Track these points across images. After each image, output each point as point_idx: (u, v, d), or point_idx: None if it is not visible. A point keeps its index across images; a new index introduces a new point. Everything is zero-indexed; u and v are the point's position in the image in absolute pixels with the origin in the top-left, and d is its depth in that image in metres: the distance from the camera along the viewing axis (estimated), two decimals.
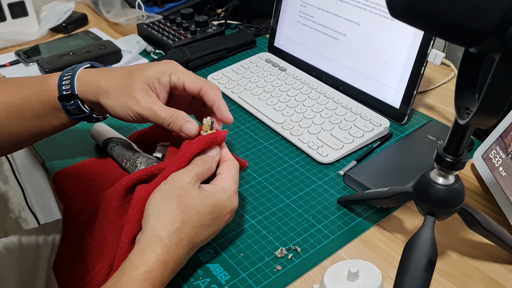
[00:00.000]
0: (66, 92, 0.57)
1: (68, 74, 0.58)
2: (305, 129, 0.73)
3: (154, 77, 0.55)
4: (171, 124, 0.55)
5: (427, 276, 0.44)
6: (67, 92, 0.57)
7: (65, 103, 0.57)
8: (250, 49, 1.00)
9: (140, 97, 0.55)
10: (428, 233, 0.45)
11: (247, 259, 0.55)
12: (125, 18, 1.06)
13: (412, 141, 0.70)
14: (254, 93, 0.82)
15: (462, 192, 0.46)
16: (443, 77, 0.89)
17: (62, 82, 0.57)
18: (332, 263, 0.52)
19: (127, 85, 0.55)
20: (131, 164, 0.62)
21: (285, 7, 0.90)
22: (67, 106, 0.58)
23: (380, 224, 0.59)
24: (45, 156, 0.72)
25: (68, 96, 0.57)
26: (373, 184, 0.61)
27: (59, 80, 0.57)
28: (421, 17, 0.33)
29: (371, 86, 0.77)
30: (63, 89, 0.57)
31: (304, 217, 0.60)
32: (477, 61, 0.40)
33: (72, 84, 0.57)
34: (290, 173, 0.67)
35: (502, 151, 0.58)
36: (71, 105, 0.57)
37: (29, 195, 1.39)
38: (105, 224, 0.54)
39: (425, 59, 0.70)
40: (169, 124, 0.55)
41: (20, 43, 1.05)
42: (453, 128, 0.43)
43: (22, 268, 0.75)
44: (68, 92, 0.57)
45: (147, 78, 0.55)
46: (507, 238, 0.52)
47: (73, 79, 0.57)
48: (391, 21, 0.73)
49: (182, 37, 0.98)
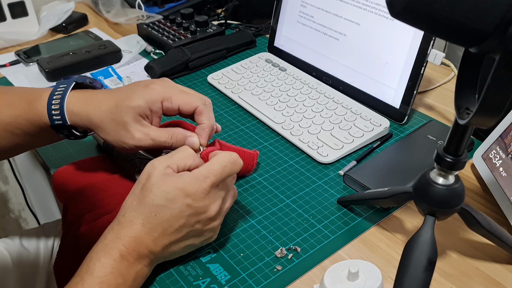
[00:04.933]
0: (58, 122, 0.55)
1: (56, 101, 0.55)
2: (305, 129, 0.73)
3: (144, 106, 0.53)
4: (173, 145, 0.55)
5: (427, 276, 0.44)
6: (59, 122, 0.55)
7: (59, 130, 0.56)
8: (250, 49, 1.00)
9: (134, 130, 0.53)
10: (428, 233, 0.45)
11: (247, 259, 0.55)
12: (125, 18, 1.06)
13: (412, 141, 0.70)
14: (254, 93, 0.82)
15: (462, 192, 0.46)
16: (443, 77, 0.89)
17: (51, 111, 0.55)
18: (332, 263, 0.52)
19: (118, 119, 0.53)
20: (131, 165, 0.62)
21: (285, 7, 0.90)
22: (61, 132, 0.57)
23: (380, 224, 0.59)
24: (45, 156, 0.72)
25: (61, 126, 0.55)
26: (373, 184, 0.61)
27: (48, 106, 0.55)
28: (421, 17, 0.33)
29: (371, 86, 0.77)
30: (54, 118, 0.55)
31: (304, 217, 0.60)
32: (477, 61, 0.40)
33: (62, 114, 0.55)
34: (290, 173, 0.67)
35: (502, 151, 0.58)
36: (65, 132, 0.57)
37: (29, 195, 1.39)
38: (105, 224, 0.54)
39: (425, 59, 0.70)
40: (172, 145, 0.55)
41: (20, 43, 1.05)
42: (453, 128, 0.43)
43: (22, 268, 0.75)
44: (60, 123, 0.55)
45: (137, 108, 0.53)
46: (507, 238, 0.52)
47: (62, 109, 0.54)
48: (391, 21, 0.73)
49: (182, 37, 0.98)
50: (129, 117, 0.53)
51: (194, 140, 0.55)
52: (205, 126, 0.56)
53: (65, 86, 0.56)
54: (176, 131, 0.55)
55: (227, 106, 0.81)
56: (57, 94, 0.55)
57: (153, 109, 0.54)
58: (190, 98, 0.55)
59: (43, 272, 0.76)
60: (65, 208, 0.62)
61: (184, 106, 0.55)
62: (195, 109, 0.55)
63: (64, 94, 0.55)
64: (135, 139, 0.53)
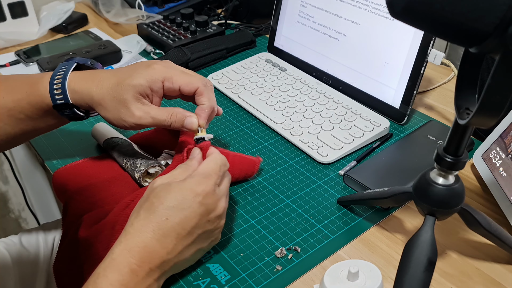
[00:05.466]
0: (60, 102, 0.56)
1: (58, 80, 0.56)
2: (305, 129, 0.73)
3: (145, 85, 0.54)
4: (172, 124, 0.55)
5: (427, 276, 0.44)
6: (61, 102, 0.55)
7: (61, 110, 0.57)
8: (250, 49, 1.00)
9: (134, 108, 0.54)
10: (428, 233, 0.45)
11: (247, 259, 0.55)
12: (125, 18, 1.06)
13: (412, 141, 0.70)
14: (254, 93, 0.82)
15: (462, 192, 0.46)
16: (443, 77, 0.89)
17: (53, 91, 0.55)
18: (332, 263, 0.52)
19: (119, 96, 0.54)
20: (131, 165, 0.62)
21: (285, 7, 0.90)
22: (63, 113, 0.57)
23: (380, 224, 0.59)
24: (45, 156, 0.72)
25: (63, 105, 0.56)
26: (373, 184, 0.61)
27: (49, 87, 0.56)
28: (421, 17, 0.33)
29: (371, 86, 0.77)
30: (56, 98, 0.55)
31: (304, 217, 0.60)
32: (477, 61, 0.40)
33: (64, 93, 0.55)
34: (290, 173, 0.67)
35: (502, 151, 0.58)
36: (67, 112, 0.57)
37: (29, 195, 1.39)
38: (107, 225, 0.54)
39: (425, 59, 0.70)
40: (171, 124, 0.55)
41: (20, 43, 1.05)
42: (453, 128, 0.43)
43: (22, 268, 0.75)
44: (62, 102, 0.55)
45: (138, 87, 0.53)
46: (507, 238, 0.52)
47: (64, 88, 0.55)
48: (391, 21, 0.73)
49: (182, 37, 0.98)
50: (130, 95, 0.53)
51: (193, 121, 0.55)
52: (205, 107, 0.56)
53: (66, 67, 0.57)
54: (176, 110, 0.55)
55: (227, 106, 0.81)
56: (59, 75, 0.56)
57: (154, 89, 0.54)
58: (191, 79, 0.56)
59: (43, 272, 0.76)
60: (65, 208, 0.62)
61: (185, 87, 0.55)
62: (195, 90, 0.56)
63: (65, 74, 0.56)
64: (135, 116, 0.54)
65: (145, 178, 0.61)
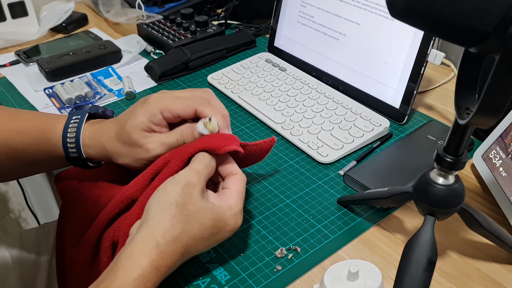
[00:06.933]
0: (73, 155, 0.57)
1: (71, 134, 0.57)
2: (305, 129, 0.73)
3: (146, 122, 0.55)
4: (186, 140, 0.55)
5: (427, 276, 0.44)
6: (75, 155, 0.57)
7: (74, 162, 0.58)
8: (250, 49, 1.00)
9: (145, 143, 0.54)
10: (428, 233, 0.45)
11: (247, 259, 0.55)
12: (125, 18, 1.06)
13: (412, 141, 0.70)
14: (254, 93, 0.82)
15: (462, 192, 0.46)
16: (443, 77, 0.89)
17: (67, 145, 0.57)
18: (332, 263, 0.52)
19: (127, 140, 0.55)
20: None
21: (285, 7, 0.90)
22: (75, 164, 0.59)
23: (380, 224, 0.59)
24: None
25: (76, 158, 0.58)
26: (373, 184, 0.61)
27: (63, 140, 0.57)
28: (421, 17, 0.33)
29: (371, 86, 0.77)
30: (69, 151, 0.57)
31: (304, 217, 0.60)
32: (477, 61, 0.40)
33: (78, 148, 0.57)
34: (290, 173, 0.67)
35: (502, 151, 0.58)
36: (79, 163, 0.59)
37: (29, 195, 1.39)
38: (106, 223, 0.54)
39: (425, 59, 0.70)
40: (184, 141, 0.55)
41: (20, 43, 1.05)
42: (453, 128, 0.43)
43: (23, 268, 0.75)
44: (76, 156, 0.57)
45: (140, 125, 0.54)
46: (507, 238, 0.52)
47: (78, 143, 0.57)
48: (391, 21, 0.73)
49: (182, 37, 0.98)
50: (136, 135, 0.54)
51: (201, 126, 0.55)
52: None
53: (79, 118, 0.58)
54: (183, 128, 0.55)
55: (227, 106, 0.81)
56: (72, 127, 0.57)
57: (155, 122, 0.55)
58: (187, 102, 0.55)
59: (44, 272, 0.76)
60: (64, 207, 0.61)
61: (183, 113, 0.55)
62: (194, 112, 0.55)
63: (79, 127, 0.57)
64: (150, 151, 0.54)
65: None
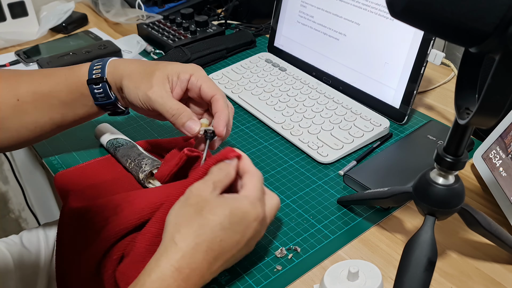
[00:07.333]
0: (96, 76, 0.60)
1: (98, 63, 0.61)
2: (305, 129, 0.73)
3: (175, 71, 0.58)
4: (175, 117, 0.56)
5: (427, 276, 0.44)
6: (97, 76, 0.60)
7: (93, 86, 0.60)
8: (250, 49, 1.00)
9: (156, 84, 0.57)
10: (428, 233, 0.45)
11: (247, 259, 0.54)
12: (125, 18, 1.06)
13: (412, 141, 0.70)
14: (254, 93, 0.82)
15: (462, 192, 0.46)
16: (443, 77, 0.89)
17: (93, 68, 0.61)
18: (332, 263, 0.52)
19: (150, 71, 0.58)
20: (136, 165, 0.61)
21: (285, 7, 0.90)
22: (94, 90, 0.61)
23: (380, 224, 0.59)
24: (45, 156, 0.72)
25: (97, 79, 0.60)
26: (373, 184, 0.61)
27: (90, 66, 0.61)
28: (421, 17, 0.34)
29: (371, 86, 0.77)
30: (93, 73, 0.61)
31: (304, 217, 0.60)
32: (477, 61, 0.40)
33: (103, 69, 0.61)
34: (290, 173, 0.67)
35: (502, 151, 0.58)
36: (98, 89, 0.60)
37: (29, 195, 1.39)
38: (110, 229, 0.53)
39: (425, 59, 0.70)
40: (173, 116, 0.56)
41: (20, 43, 1.05)
42: (453, 128, 0.43)
43: (23, 268, 0.75)
44: (98, 75, 0.60)
45: (169, 70, 0.58)
46: (507, 238, 0.52)
47: (104, 64, 0.61)
48: (391, 21, 0.73)
49: (182, 37, 0.98)
50: (159, 73, 0.58)
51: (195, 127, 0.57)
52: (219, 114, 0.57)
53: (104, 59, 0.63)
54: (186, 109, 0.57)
55: None
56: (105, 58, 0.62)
57: (181, 77, 0.58)
58: (214, 85, 0.59)
59: (44, 273, 0.76)
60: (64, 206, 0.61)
61: (205, 89, 0.58)
62: (213, 96, 0.58)
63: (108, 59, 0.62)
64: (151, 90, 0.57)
65: (149, 179, 0.61)
